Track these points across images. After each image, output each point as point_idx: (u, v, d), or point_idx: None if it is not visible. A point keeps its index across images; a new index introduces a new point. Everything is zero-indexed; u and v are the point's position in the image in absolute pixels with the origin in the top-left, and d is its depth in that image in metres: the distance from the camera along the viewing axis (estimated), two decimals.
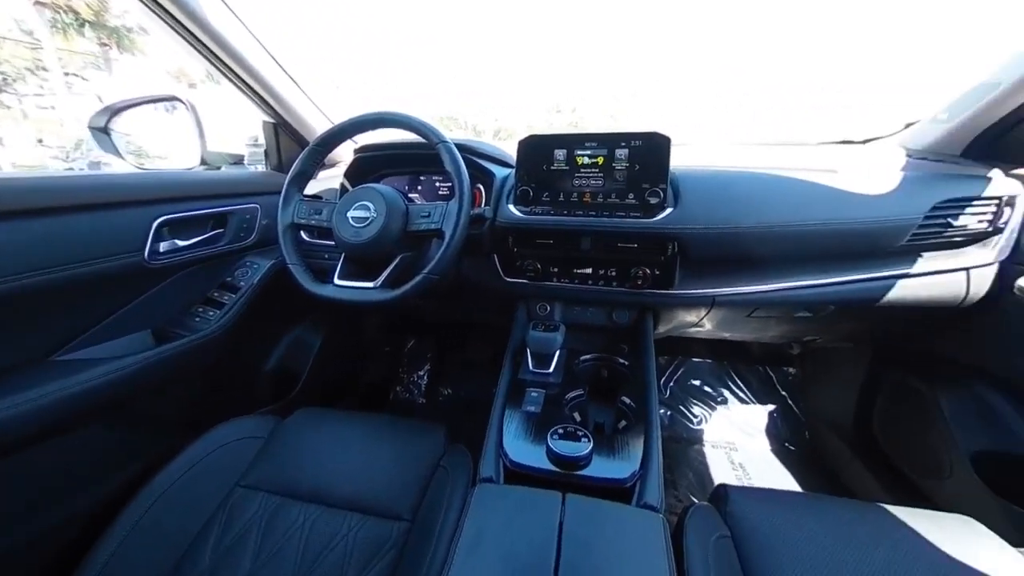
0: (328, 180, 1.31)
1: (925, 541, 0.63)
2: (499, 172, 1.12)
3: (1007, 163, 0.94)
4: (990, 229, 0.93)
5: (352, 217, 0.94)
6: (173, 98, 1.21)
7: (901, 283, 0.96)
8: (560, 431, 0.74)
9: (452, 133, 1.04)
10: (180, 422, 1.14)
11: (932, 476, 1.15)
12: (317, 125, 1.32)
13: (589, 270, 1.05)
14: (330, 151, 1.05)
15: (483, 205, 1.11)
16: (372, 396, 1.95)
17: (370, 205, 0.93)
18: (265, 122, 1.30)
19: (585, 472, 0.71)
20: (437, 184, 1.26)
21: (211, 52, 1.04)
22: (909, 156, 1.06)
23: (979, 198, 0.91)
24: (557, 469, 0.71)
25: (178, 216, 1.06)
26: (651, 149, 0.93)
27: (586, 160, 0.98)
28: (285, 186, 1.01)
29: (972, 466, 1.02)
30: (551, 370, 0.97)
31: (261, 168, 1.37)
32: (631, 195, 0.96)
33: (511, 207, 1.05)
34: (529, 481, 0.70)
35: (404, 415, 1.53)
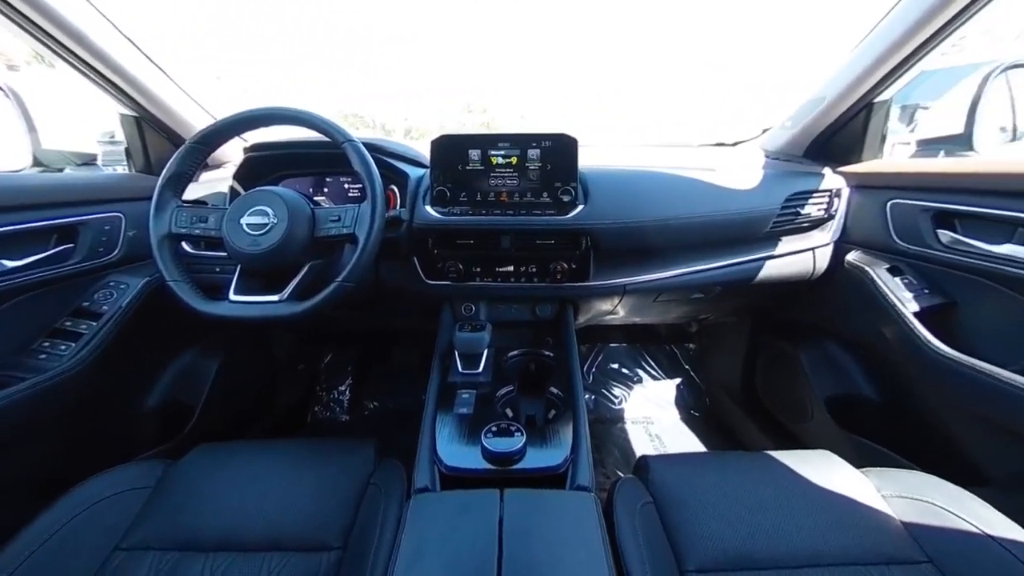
0: (212, 183, 1.15)
1: (797, 475, 0.77)
2: (413, 172, 1.09)
3: (834, 162, 1.18)
4: (826, 216, 1.15)
5: (247, 224, 0.83)
6: None
7: (768, 263, 1.15)
8: (494, 429, 0.75)
9: (359, 132, 0.98)
10: (33, 486, 0.92)
11: (800, 421, 1.39)
12: (193, 120, 1.15)
13: (511, 268, 1.08)
14: (213, 150, 0.92)
15: (398, 207, 1.07)
16: (287, 421, 1.77)
17: (268, 210, 0.84)
18: (123, 115, 1.09)
19: (520, 465, 0.72)
20: (346, 186, 1.18)
21: (51, 37, 0.85)
22: (767, 156, 1.27)
23: (817, 191, 1.12)
24: (493, 467, 0.72)
25: (2, 231, 0.85)
26: (560, 149, 0.98)
27: (500, 160, 1.00)
28: (157, 190, 0.87)
29: (826, 409, 1.25)
30: (480, 370, 0.97)
31: (122, 170, 1.15)
32: (545, 193, 1.00)
33: (428, 208, 1.02)
34: (467, 483, 0.70)
35: (327, 436, 1.41)
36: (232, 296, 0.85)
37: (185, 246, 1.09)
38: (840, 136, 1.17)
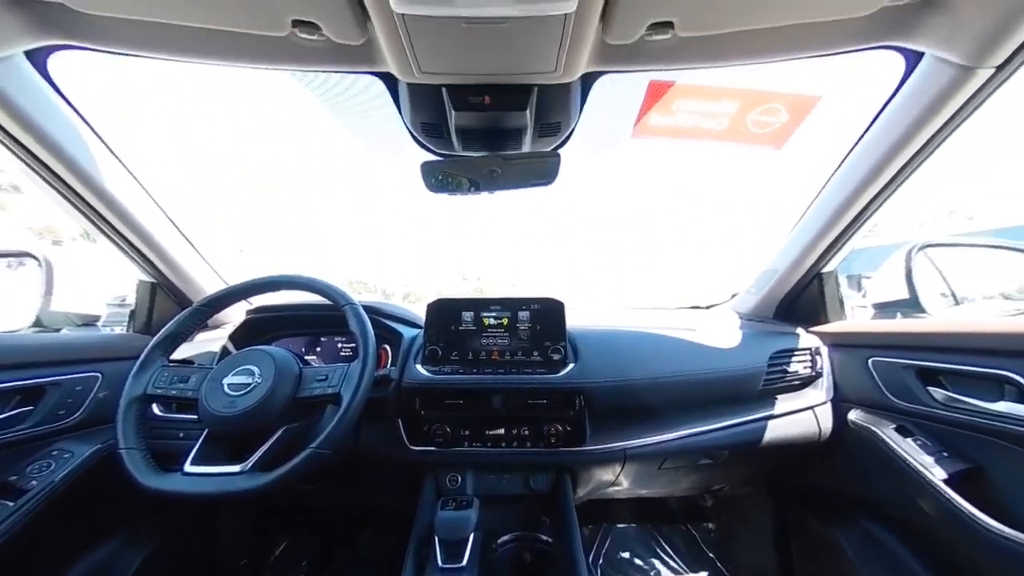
0: (206, 343, 1.16)
1: None
2: (407, 332, 1.12)
3: (804, 323, 1.26)
4: (813, 374, 1.17)
5: (229, 384, 0.81)
6: (24, 254, 1.06)
7: (771, 424, 1.10)
8: None
9: (360, 296, 1.05)
10: None
11: None
12: (207, 285, 1.23)
13: (502, 430, 1.01)
14: (218, 312, 0.96)
15: (388, 366, 1.07)
16: None
17: (255, 369, 0.83)
18: (141, 281, 1.18)
19: None
20: (339, 345, 1.20)
21: (91, 208, 0.97)
22: (741, 318, 1.36)
23: (798, 349, 1.16)
24: None
25: None
26: (549, 312, 1.05)
27: (492, 321, 1.05)
28: (148, 349, 0.87)
29: None
30: (464, 563, 0.80)
31: (120, 330, 1.17)
32: (535, 352, 1.02)
33: (419, 367, 1.02)
34: None
35: None
36: (188, 467, 0.77)
37: (155, 409, 1.03)
38: (802, 300, 1.29)
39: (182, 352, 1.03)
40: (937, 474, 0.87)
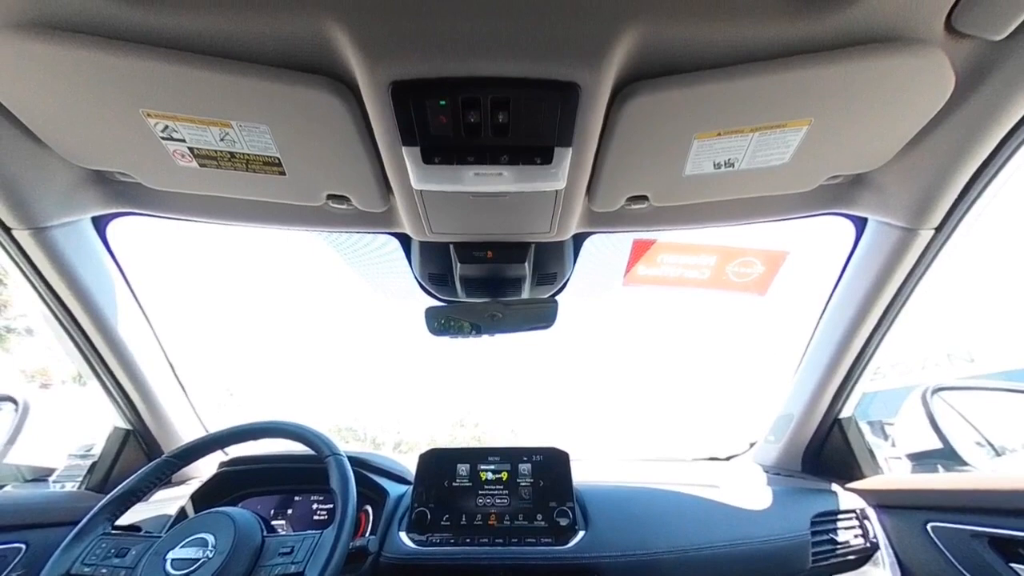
0: (162, 504, 1.01)
1: None
2: (394, 490, 1.00)
3: (837, 477, 1.12)
4: (868, 545, 0.99)
5: (173, 560, 0.68)
6: (3, 398, 1.02)
7: None
8: None
9: (348, 445, 0.97)
10: None
11: None
12: (185, 432, 1.14)
13: None
14: (188, 464, 0.87)
15: (368, 534, 0.91)
16: None
17: (209, 539, 0.70)
18: (116, 428, 1.09)
19: None
20: (315, 507, 1.04)
21: (95, 352, 0.97)
22: (766, 471, 1.22)
23: (841, 512, 1.01)
24: None
25: None
26: (553, 464, 0.95)
27: (490, 476, 0.95)
28: (91, 513, 0.75)
29: None
30: None
31: (72, 487, 1.04)
32: (539, 515, 0.89)
33: (403, 536, 0.87)
34: None
35: None
36: None
37: None
38: (829, 450, 1.18)
39: (132, 515, 0.89)
40: None
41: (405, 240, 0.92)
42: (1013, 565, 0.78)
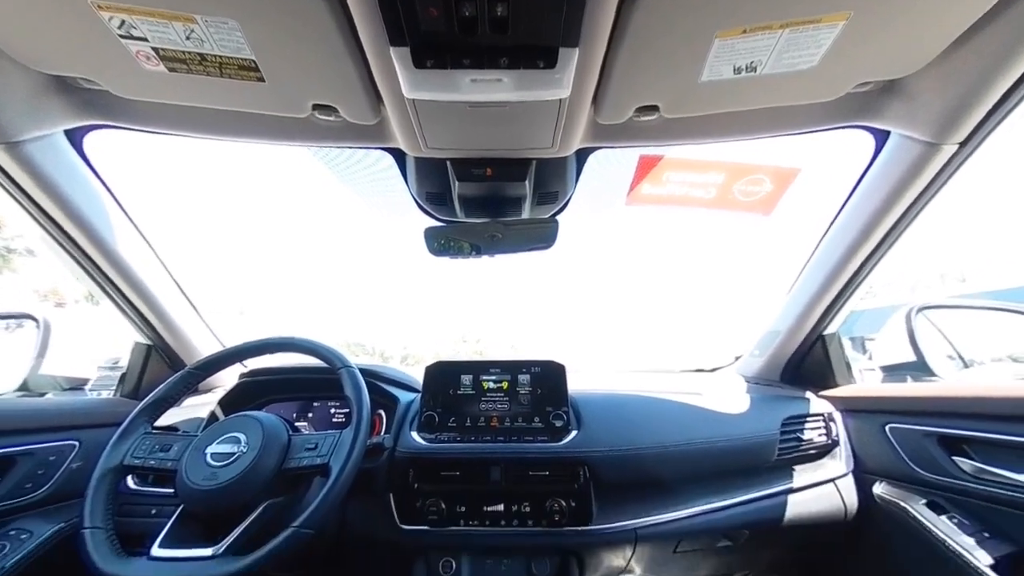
0: (194, 408, 1.12)
1: None
2: (403, 397, 1.09)
3: (812, 386, 1.22)
4: (829, 442, 1.11)
5: (213, 454, 0.77)
6: (24, 316, 1.06)
7: (791, 499, 1.02)
8: None
9: (358, 359, 1.03)
10: None
11: None
12: (203, 347, 1.22)
13: (501, 506, 0.93)
14: (211, 375, 0.94)
15: (383, 433, 1.02)
16: None
17: (241, 437, 0.79)
18: (137, 343, 1.16)
19: None
20: (332, 411, 1.15)
21: (101, 272, 0.99)
22: (748, 381, 1.32)
23: (810, 415, 1.12)
24: None
25: None
26: (550, 375, 1.02)
27: (491, 385, 1.02)
28: (132, 415, 0.83)
29: None
30: None
31: (107, 395, 1.14)
32: (537, 418, 0.98)
33: (414, 434, 0.97)
34: None
35: None
36: (155, 549, 0.70)
37: (129, 482, 0.96)
38: (809, 363, 1.26)
39: (168, 418, 0.99)
40: (982, 559, 0.79)
41: (400, 157, 0.87)
42: (955, 458, 0.89)
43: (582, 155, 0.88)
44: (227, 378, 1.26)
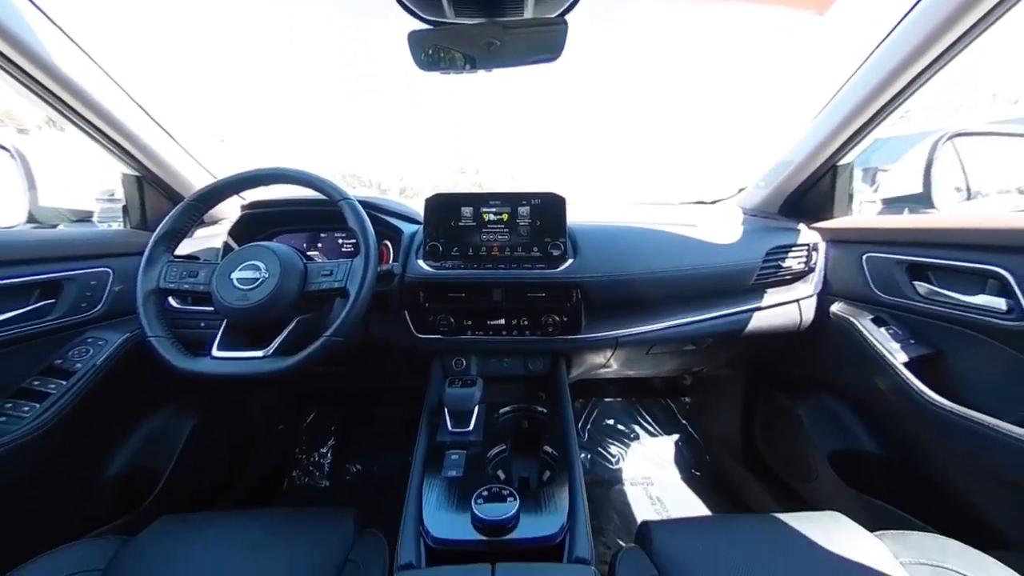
0: (206, 239, 1.16)
1: (809, 540, 0.72)
2: (407, 228, 1.12)
3: (807, 218, 1.24)
4: (807, 269, 1.20)
5: (238, 279, 0.83)
6: None
7: (756, 315, 1.17)
8: (485, 493, 0.71)
9: (355, 191, 1.02)
10: None
11: (805, 480, 1.33)
12: (194, 179, 1.18)
13: (502, 321, 1.07)
14: (211, 208, 0.94)
15: (391, 261, 1.09)
16: (262, 488, 1.64)
17: (260, 265, 0.84)
18: (125, 175, 1.13)
19: (514, 536, 0.67)
20: (340, 241, 1.20)
21: (60, 100, 0.89)
22: (745, 214, 1.33)
23: (795, 245, 1.17)
24: (484, 538, 0.67)
25: None
26: (549, 207, 1.03)
27: (492, 217, 1.03)
28: (150, 245, 0.87)
29: (830, 466, 1.20)
30: (471, 427, 0.93)
31: (117, 226, 1.17)
32: (535, 248, 1.03)
33: (421, 262, 1.04)
34: (456, 557, 0.64)
35: (304, 504, 1.30)
36: (215, 352, 0.83)
37: (171, 301, 1.08)
38: (810, 195, 1.25)
39: (185, 248, 1.04)
40: (899, 358, 0.95)
41: None
42: (915, 282, 0.98)
43: None
44: (229, 210, 1.27)
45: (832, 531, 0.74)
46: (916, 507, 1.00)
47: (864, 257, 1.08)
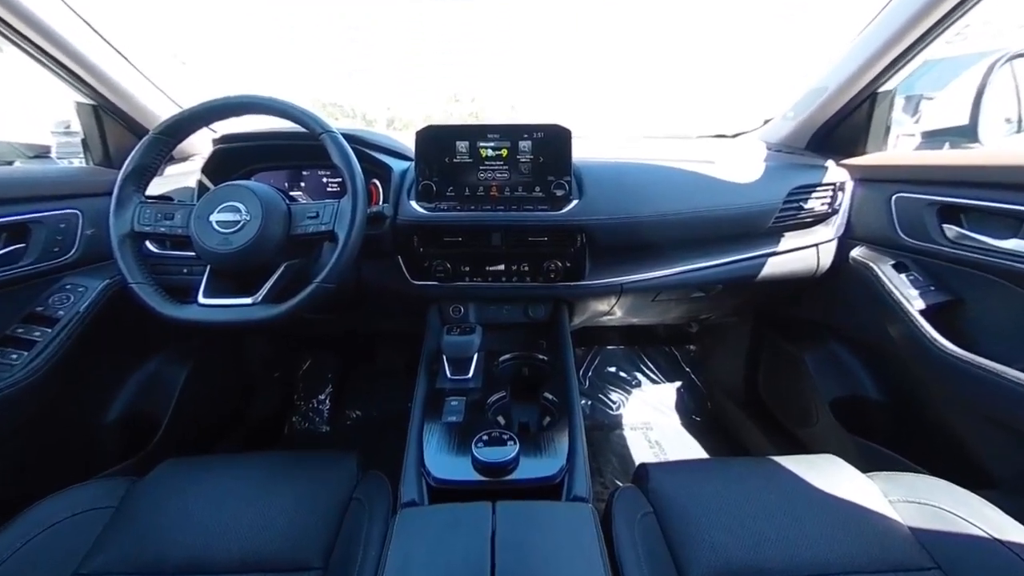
0: (178, 178, 1.06)
1: (802, 481, 0.73)
2: (396, 165, 1.02)
3: (837, 154, 1.13)
4: (830, 211, 1.11)
5: (217, 221, 0.77)
6: None
7: (771, 261, 1.10)
8: (485, 437, 0.70)
9: (338, 122, 0.91)
10: None
11: (805, 425, 1.35)
12: (157, 109, 1.07)
13: (502, 266, 1.01)
14: (179, 141, 0.85)
15: (381, 202, 1.00)
16: (262, 433, 1.67)
17: (240, 206, 0.77)
18: (80, 104, 1.01)
19: (514, 476, 0.68)
20: (325, 180, 1.11)
21: None
22: (768, 148, 1.22)
23: (821, 184, 1.08)
24: (484, 478, 0.68)
25: None
26: (553, 141, 0.93)
27: (490, 152, 0.94)
28: (118, 185, 0.80)
29: (831, 412, 1.20)
30: (470, 375, 0.91)
31: (79, 163, 1.07)
32: (537, 188, 0.95)
33: (413, 204, 0.96)
34: (457, 496, 0.65)
35: (305, 448, 1.33)
36: (201, 299, 0.79)
37: (149, 245, 1.01)
38: (843, 128, 1.13)
39: (156, 188, 0.96)
40: (916, 305, 0.91)
41: None
42: (944, 225, 0.90)
43: None
44: (200, 145, 1.16)
45: (826, 472, 0.75)
46: (911, 451, 1.01)
47: (893, 198, 1.00)
